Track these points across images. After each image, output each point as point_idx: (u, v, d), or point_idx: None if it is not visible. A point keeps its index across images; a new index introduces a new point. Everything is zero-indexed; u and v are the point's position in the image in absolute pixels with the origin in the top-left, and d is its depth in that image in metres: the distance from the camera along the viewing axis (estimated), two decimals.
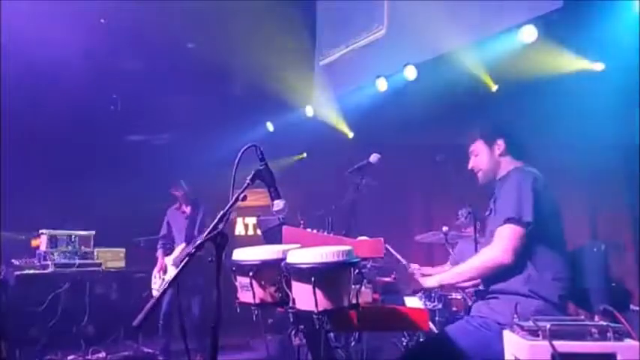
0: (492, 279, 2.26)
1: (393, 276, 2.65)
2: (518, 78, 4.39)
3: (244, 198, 1.93)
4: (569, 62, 4.11)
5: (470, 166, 2.55)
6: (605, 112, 3.79)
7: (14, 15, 5.26)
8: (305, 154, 7.40)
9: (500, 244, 2.19)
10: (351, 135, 6.48)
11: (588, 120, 3.86)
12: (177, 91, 6.69)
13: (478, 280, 2.45)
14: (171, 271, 5.02)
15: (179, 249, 5.04)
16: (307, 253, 1.84)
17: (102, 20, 6.12)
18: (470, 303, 3.18)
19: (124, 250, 5.82)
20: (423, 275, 2.56)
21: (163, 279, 5.05)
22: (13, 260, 5.07)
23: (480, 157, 2.50)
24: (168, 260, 5.09)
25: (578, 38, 3.97)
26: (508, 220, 2.19)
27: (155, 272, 5.15)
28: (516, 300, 2.04)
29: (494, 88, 4.78)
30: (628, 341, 1.64)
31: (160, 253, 5.18)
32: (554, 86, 4.14)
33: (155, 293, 5.09)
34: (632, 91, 3.48)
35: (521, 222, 2.16)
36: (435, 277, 2.43)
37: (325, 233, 2.31)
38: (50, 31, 5.47)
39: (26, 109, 5.90)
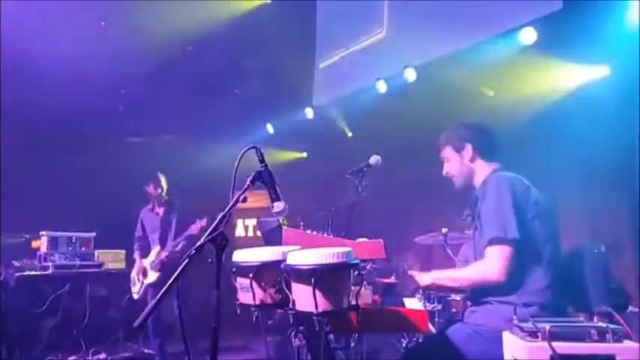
0: (485, 290, 2.23)
1: (393, 277, 2.66)
2: (518, 79, 4.40)
3: (244, 199, 1.94)
4: (569, 63, 4.12)
5: (444, 172, 2.53)
6: (605, 112, 3.80)
7: (15, 16, 5.27)
8: (305, 154, 7.40)
9: (494, 263, 2.15)
10: (351, 137, 6.49)
11: (588, 121, 3.86)
12: (177, 92, 6.70)
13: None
14: (152, 275, 4.89)
15: (154, 252, 4.92)
16: (307, 254, 1.85)
17: (102, 23, 6.14)
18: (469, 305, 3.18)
19: (124, 251, 5.84)
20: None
21: (143, 282, 4.95)
22: (13, 262, 5.08)
23: (452, 163, 2.49)
24: (146, 262, 4.96)
25: (578, 39, 3.98)
26: (494, 240, 2.15)
27: (133, 274, 5.05)
28: (512, 308, 2.03)
29: (492, 93, 4.79)
30: (627, 343, 1.64)
31: (137, 255, 5.05)
32: (554, 87, 4.15)
33: (135, 296, 5.02)
34: (632, 92, 3.48)
35: (507, 240, 2.13)
36: (429, 274, 2.42)
37: (325, 235, 2.32)
38: (51, 32, 5.49)
39: (27, 111, 5.91)
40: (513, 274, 2.15)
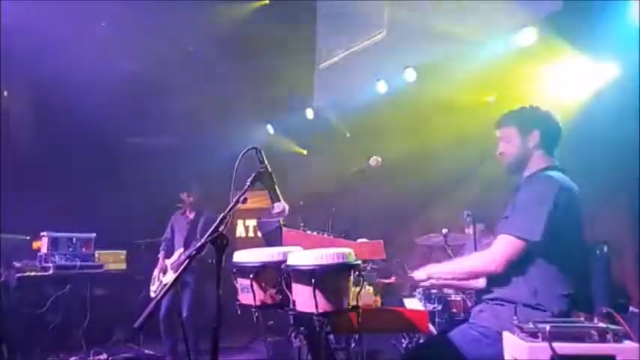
0: (497, 285, 2.19)
1: (393, 278, 2.66)
2: (518, 79, 4.40)
3: (245, 200, 1.94)
4: (569, 64, 4.12)
5: (499, 150, 2.37)
6: (605, 112, 3.80)
7: (15, 18, 5.28)
8: (305, 152, 7.40)
9: (494, 252, 2.13)
10: (351, 137, 6.48)
11: (588, 120, 3.87)
12: (177, 93, 6.71)
13: (481, 283, 2.42)
14: (170, 275, 4.98)
15: (177, 253, 5.01)
16: (307, 255, 1.85)
17: (102, 24, 6.14)
18: (470, 305, 3.19)
19: (124, 252, 5.84)
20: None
21: (161, 281, 5.03)
22: (14, 262, 5.08)
23: (511, 143, 2.33)
24: (168, 262, 5.06)
25: (579, 40, 3.98)
26: (510, 232, 2.10)
27: (155, 274, 5.14)
28: (523, 310, 2.01)
29: (492, 98, 4.80)
30: (627, 343, 1.64)
31: (161, 255, 5.14)
32: (554, 87, 4.15)
33: (152, 295, 5.07)
34: (632, 92, 3.49)
35: (525, 238, 2.07)
36: (423, 270, 2.39)
37: (325, 235, 2.32)
38: (51, 33, 5.49)
39: (28, 112, 5.92)
40: (528, 271, 2.10)
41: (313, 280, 1.76)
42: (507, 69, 4.41)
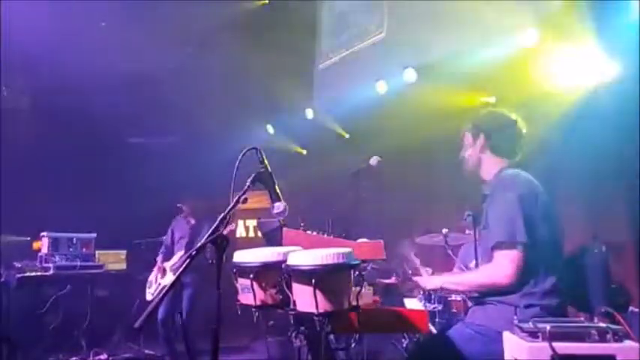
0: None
1: (393, 278, 2.67)
2: (517, 79, 4.40)
3: (245, 200, 1.94)
4: (569, 64, 4.12)
5: (461, 155, 2.52)
6: (605, 113, 3.80)
7: (16, 17, 5.28)
8: (305, 152, 7.40)
9: (503, 268, 2.14)
10: (350, 137, 6.48)
11: (588, 121, 3.86)
12: (177, 93, 6.71)
13: None
14: (169, 276, 4.93)
15: (177, 256, 4.97)
16: (307, 255, 1.85)
17: (102, 24, 6.15)
18: (470, 305, 3.18)
19: (124, 252, 5.84)
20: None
21: (159, 284, 4.97)
22: (14, 263, 5.08)
23: (466, 148, 2.50)
24: (167, 265, 5.02)
25: (578, 40, 3.98)
26: (502, 244, 2.14)
27: (151, 277, 5.09)
28: (512, 310, 2.06)
29: (493, 99, 4.79)
30: (627, 342, 1.65)
31: (159, 258, 5.10)
32: (554, 88, 4.15)
33: (149, 297, 5.03)
34: (632, 93, 3.49)
35: (516, 244, 2.11)
36: (437, 279, 2.44)
37: (325, 235, 2.32)
38: (51, 34, 5.50)
39: (28, 112, 5.92)
40: (519, 277, 2.13)
41: (313, 280, 1.76)
42: (508, 69, 4.40)
